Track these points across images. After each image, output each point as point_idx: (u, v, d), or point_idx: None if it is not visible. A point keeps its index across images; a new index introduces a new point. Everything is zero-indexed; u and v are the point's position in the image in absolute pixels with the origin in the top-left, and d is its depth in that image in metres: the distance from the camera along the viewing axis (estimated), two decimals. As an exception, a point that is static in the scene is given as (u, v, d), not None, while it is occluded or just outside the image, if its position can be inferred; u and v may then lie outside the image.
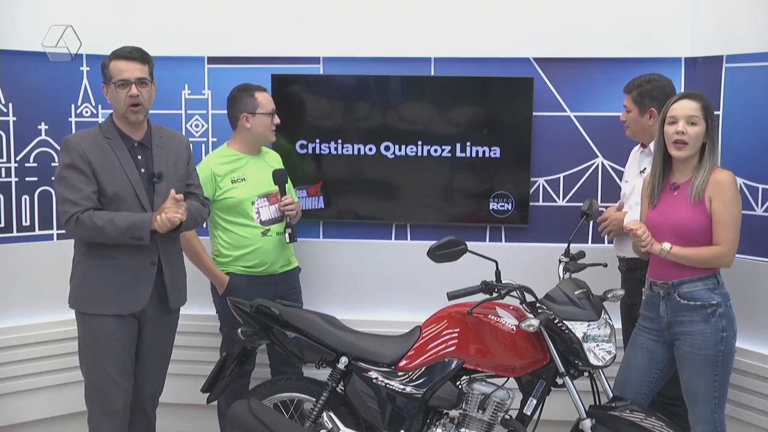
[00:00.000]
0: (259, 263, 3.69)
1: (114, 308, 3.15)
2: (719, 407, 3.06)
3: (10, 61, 3.88)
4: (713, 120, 3.05)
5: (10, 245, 3.93)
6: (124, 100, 3.15)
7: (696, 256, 3.02)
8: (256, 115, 3.72)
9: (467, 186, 4.15)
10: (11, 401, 3.93)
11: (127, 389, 3.22)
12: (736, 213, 3.02)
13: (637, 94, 3.48)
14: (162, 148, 3.27)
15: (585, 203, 3.46)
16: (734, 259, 3.05)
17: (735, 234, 3.02)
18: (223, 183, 3.66)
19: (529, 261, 3.89)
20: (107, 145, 3.17)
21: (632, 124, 3.53)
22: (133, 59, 3.18)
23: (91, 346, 3.19)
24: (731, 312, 3.06)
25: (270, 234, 3.70)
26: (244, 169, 3.73)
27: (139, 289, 3.18)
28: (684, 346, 3.06)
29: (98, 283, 3.16)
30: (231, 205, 3.66)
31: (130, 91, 3.14)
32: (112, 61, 3.19)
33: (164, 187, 3.21)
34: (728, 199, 2.99)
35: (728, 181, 3.01)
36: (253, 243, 3.68)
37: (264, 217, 3.71)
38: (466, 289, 3.08)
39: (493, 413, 3.10)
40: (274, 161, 3.88)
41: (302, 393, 3.45)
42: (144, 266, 3.19)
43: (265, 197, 3.72)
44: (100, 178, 3.12)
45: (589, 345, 2.97)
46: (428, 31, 4.08)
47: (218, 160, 3.73)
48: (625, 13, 3.98)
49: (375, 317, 4.07)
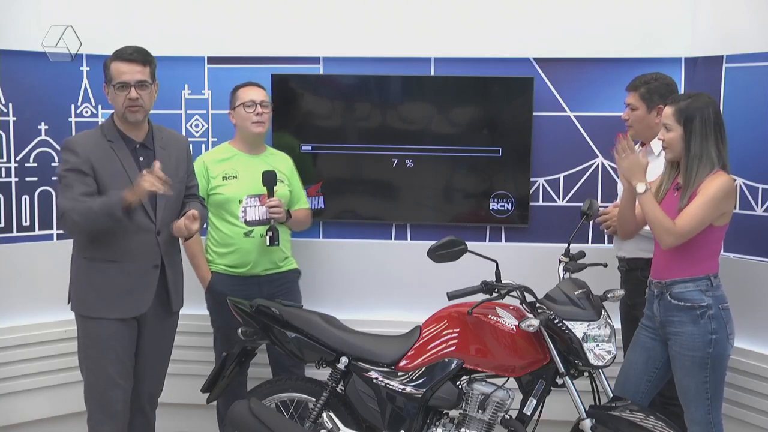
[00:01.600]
0: (239, 264, 3.68)
1: (118, 312, 3.15)
2: (714, 409, 3.06)
3: (10, 61, 3.88)
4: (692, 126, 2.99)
5: (10, 245, 3.93)
6: (123, 102, 3.15)
7: (652, 212, 3.00)
8: (236, 109, 3.74)
9: (467, 186, 4.15)
10: (11, 401, 3.93)
11: (126, 390, 3.22)
12: (704, 211, 2.95)
13: (645, 90, 3.47)
14: (164, 149, 3.28)
15: (585, 203, 3.46)
16: (674, 245, 2.98)
17: (693, 226, 2.95)
18: (215, 179, 3.67)
19: (529, 261, 3.89)
20: (110, 148, 3.16)
21: (636, 123, 3.51)
22: (134, 61, 3.16)
23: (91, 348, 3.19)
24: (724, 315, 3.04)
25: (253, 235, 3.67)
26: (238, 166, 3.72)
27: (143, 292, 3.19)
28: (675, 346, 3.07)
29: (102, 286, 3.15)
30: (219, 202, 3.67)
31: (129, 93, 3.13)
32: (113, 61, 3.18)
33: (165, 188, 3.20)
34: (707, 196, 2.95)
35: (716, 182, 2.97)
36: (235, 242, 3.67)
37: (250, 217, 3.68)
38: (466, 289, 3.08)
39: (493, 413, 3.10)
40: (280, 163, 3.84)
41: (302, 393, 3.45)
42: (147, 269, 3.19)
43: (256, 197, 3.70)
44: (103, 181, 3.11)
45: (589, 345, 2.97)
46: (428, 31, 4.08)
47: (213, 156, 3.76)
48: (625, 13, 3.98)
49: (375, 317, 4.07)
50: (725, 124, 3.06)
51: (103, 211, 3.03)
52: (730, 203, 3.03)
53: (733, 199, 3.05)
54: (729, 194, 3.01)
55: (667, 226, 2.98)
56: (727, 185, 2.99)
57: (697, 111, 3.00)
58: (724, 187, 2.97)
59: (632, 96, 3.51)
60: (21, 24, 3.91)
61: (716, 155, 3.01)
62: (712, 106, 3.03)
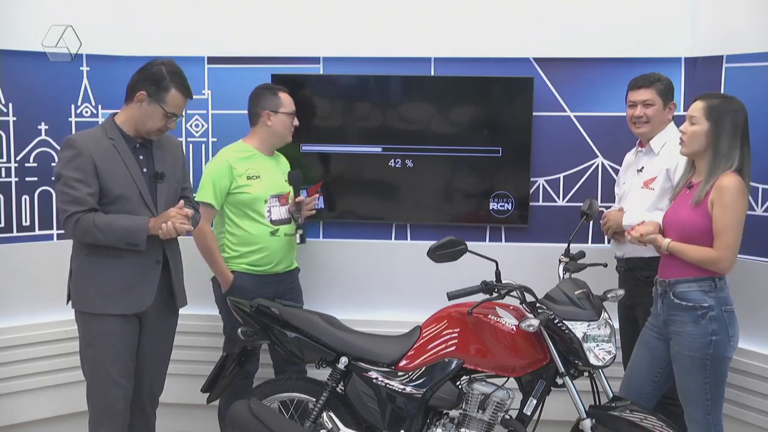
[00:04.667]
0: (264, 262, 3.69)
1: (120, 308, 3.15)
2: (713, 410, 3.06)
3: (10, 61, 3.88)
4: (722, 125, 3.02)
5: (10, 245, 3.93)
6: (159, 126, 3.19)
7: (691, 253, 3.02)
8: (278, 114, 3.73)
9: (467, 186, 4.15)
10: (11, 401, 3.93)
11: (127, 389, 3.22)
12: (735, 218, 2.98)
13: (663, 87, 3.48)
14: (161, 150, 3.29)
15: (585, 203, 3.46)
16: (732, 264, 3.01)
17: (732, 239, 2.98)
18: (240, 178, 3.67)
19: (529, 261, 3.89)
20: (111, 146, 3.16)
21: (654, 117, 3.48)
22: (190, 98, 3.25)
23: (92, 347, 3.19)
24: (727, 317, 3.04)
25: (278, 234, 3.71)
26: (259, 167, 3.73)
27: (145, 288, 3.19)
28: (675, 345, 3.08)
29: (103, 282, 3.15)
30: (245, 201, 3.66)
31: (169, 123, 3.20)
32: (174, 88, 3.17)
33: (165, 188, 3.23)
34: (727, 204, 2.97)
35: (730, 185, 2.98)
36: (261, 242, 3.68)
37: (274, 216, 3.72)
38: (466, 289, 3.08)
39: (493, 413, 3.10)
40: (285, 166, 3.90)
41: (302, 393, 3.45)
42: (149, 265, 3.19)
43: (276, 197, 3.73)
44: (105, 179, 3.11)
45: (589, 345, 2.97)
46: (428, 31, 4.08)
47: (236, 154, 3.73)
48: (625, 13, 3.98)
49: (375, 317, 4.07)
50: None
51: (121, 235, 3.08)
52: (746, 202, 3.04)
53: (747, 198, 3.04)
54: (744, 193, 3.01)
55: (709, 257, 3.00)
56: (739, 183, 3.00)
57: (731, 112, 3.03)
58: (738, 187, 2.99)
59: (647, 92, 3.48)
60: (21, 24, 3.90)
61: (739, 158, 3.02)
62: (743, 112, 3.06)
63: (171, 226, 3.07)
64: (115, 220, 3.08)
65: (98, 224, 3.05)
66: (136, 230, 3.08)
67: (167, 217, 3.10)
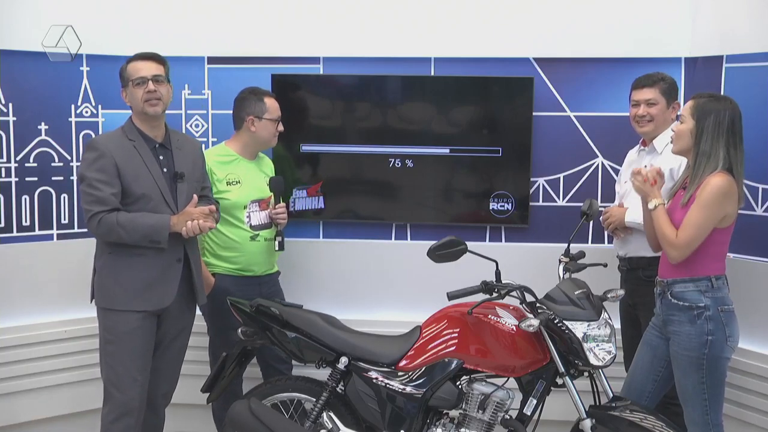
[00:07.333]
0: (244, 266, 3.70)
1: (142, 304, 3.19)
2: (712, 410, 3.05)
3: (10, 61, 3.88)
4: (704, 123, 3.00)
5: (10, 245, 3.93)
6: (142, 96, 3.21)
7: (660, 228, 3.04)
8: (263, 120, 3.72)
9: (467, 186, 4.15)
10: (11, 401, 3.93)
11: (144, 386, 3.25)
12: (702, 217, 2.96)
13: (666, 86, 3.49)
14: (180, 150, 3.34)
15: (585, 203, 3.46)
16: (681, 259, 3.00)
17: (692, 236, 2.97)
18: (220, 183, 3.66)
19: (529, 261, 3.89)
20: (132, 147, 3.22)
21: (657, 117, 3.48)
22: (150, 59, 3.29)
23: (111, 344, 3.22)
24: (724, 317, 3.03)
25: (258, 239, 3.71)
26: (240, 171, 3.73)
27: (166, 285, 3.24)
28: (673, 345, 3.08)
29: (126, 279, 3.19)
30: (224, 207, 3.65)
31: (147, 87, 3.21)
32: (129, 63, 3.28)
33: (185, 187, 3.28)
34: (702, 202, 2.95)
35: (713, 185, 2.95)
36: (241, 246, 3.68)
37: (254, 222, 3.71)
38: (466, 289, 3.08)
39: (493, 413, 3.10)
40: (268, 168, 3.88)
41: (302, 393, 3.45)
42: (171, 263, 3.24)
43: (257, 202, 3.72)
44: (127, 179, 3.17)
45: (589, 345, 2.97)
46: (428, 31, 4.08)
47: (217, 158, 3.73)
48: (625, 13, 3.99)
49: (375, 317, 4.07)
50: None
51: (144, 233, 3.13)
52: (730, 204, 3.00)
53: (734, 200, 3.00)
54: (727, 195, 2.97)
55: (669, 239, 3.00)
56: (724, 186, 2.96)
57: (713, 111, 3.01)
58: (720, 188, 2.95)
59: (651, 91, 3.48)
60: (21, 24, 3.90)
61: (724, 157, 3.00)
62: (730, 110, 3.03)
63: (195, 225, 3.14)
64: (137, 219, 3.14)
65: (121, 223, 3.11)
66: (158, 228, 3.14)
67: (189, 215, 3.15)
